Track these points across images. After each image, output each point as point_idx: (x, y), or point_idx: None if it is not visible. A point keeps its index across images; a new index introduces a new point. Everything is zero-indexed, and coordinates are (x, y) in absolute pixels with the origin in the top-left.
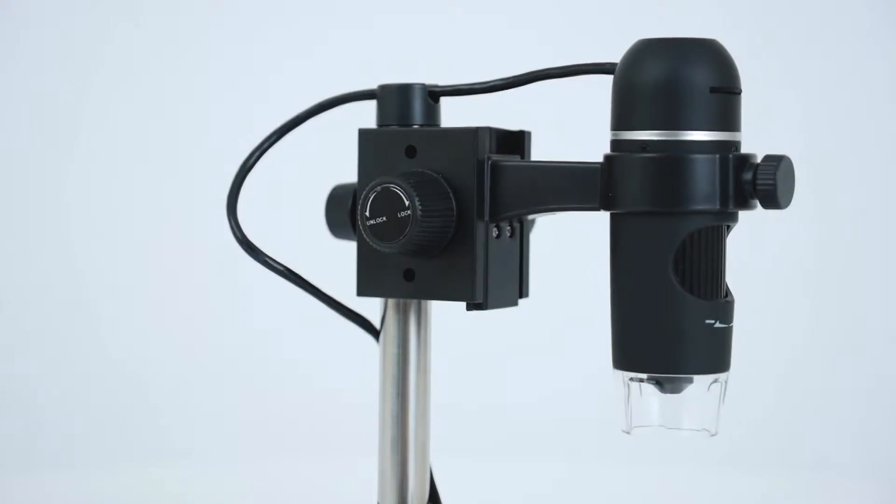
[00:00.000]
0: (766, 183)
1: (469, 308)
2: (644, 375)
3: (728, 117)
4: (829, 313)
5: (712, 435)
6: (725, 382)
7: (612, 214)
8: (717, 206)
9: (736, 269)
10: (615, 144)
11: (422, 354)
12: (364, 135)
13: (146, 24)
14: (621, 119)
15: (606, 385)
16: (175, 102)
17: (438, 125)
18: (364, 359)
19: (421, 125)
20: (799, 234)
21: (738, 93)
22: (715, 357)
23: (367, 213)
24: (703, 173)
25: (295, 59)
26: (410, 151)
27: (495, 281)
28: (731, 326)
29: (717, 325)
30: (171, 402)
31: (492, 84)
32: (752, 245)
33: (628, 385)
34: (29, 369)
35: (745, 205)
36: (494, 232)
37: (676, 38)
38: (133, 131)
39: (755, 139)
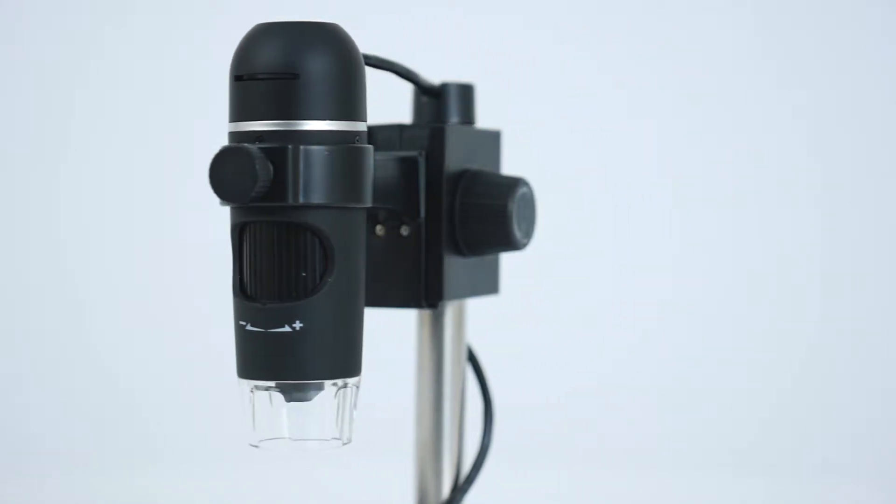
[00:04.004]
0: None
1: None
2: (270, 383)
3: (250, 106)
4: (833, 316)
5: (344, 444)
6: (344, 389)
7: None
8: (246, 202)
9: (739, 270)
10: None
11: (457, 360)
12: None
13: (142, 22)
14: None
15: (608, 388)
16: (171, 102)
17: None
18: (366, 361)
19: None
20: (803, 238)
21: (270, 79)
22: (280, 362)
23: None
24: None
25: None
26: None
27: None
28: (285, 332)
29: (249, 327)
30: (169, 404)
31: None
32: (756, 248)
33: (251, 394)
34: (21, 370)
35: (274, 199)
36: (379, 229)
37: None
38: (127, 131)
39: (762, 140)
